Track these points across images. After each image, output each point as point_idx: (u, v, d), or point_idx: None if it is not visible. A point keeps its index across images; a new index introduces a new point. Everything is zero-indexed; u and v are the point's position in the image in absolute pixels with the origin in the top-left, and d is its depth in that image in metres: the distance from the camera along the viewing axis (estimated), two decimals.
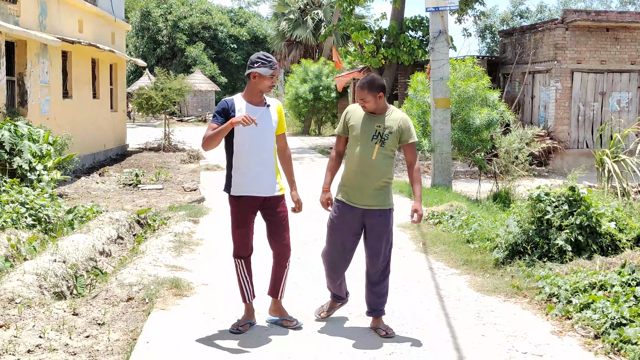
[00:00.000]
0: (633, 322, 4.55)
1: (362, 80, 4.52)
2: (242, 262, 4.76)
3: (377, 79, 4.54)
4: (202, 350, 4.41)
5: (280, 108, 4.78)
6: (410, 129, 4.65)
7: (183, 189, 12.56)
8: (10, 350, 4.06)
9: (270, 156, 4.66)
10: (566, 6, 43.13)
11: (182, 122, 36.70)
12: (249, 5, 56.80)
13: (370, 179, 4.59)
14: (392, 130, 4.59)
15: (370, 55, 19.65)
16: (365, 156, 4.59)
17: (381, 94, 4.55)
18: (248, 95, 4.63)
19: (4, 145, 9.49)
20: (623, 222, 6.62)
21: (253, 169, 4.58)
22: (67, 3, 14.88)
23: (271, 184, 4.65)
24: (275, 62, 4.57)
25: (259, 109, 4.60)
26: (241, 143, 4.57)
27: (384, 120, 4.62)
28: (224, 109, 4.56)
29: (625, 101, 17.69)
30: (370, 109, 4.59)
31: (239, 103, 4.59)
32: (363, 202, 4.62)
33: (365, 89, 4.53)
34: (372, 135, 4.59)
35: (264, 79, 4.54)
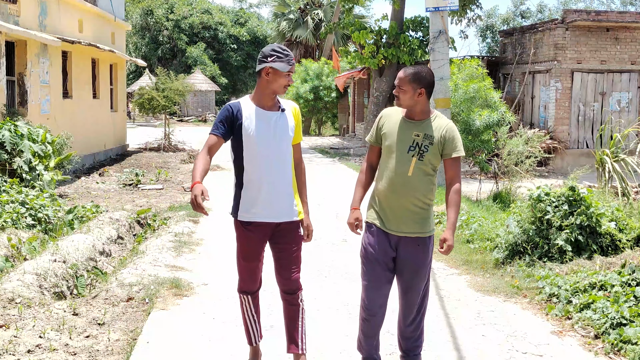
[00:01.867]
0: (633, 322, 4.55)
1: (407, 67, 3.78)
2: (249, 299, 3.96)
3: (425, 71, 3.74)
4: (202, 350, 4.41)
5: (297, 112, 3.93)
6: (455, 139, 3.77)
7: (183, 189, 12.57)
8: (10, 350, 4.06)
9: (287, 172, 3.82)
10: (566, 6, 43.12)
11: (182, 122, 36.71)
12: (250, 7, 56.82)
13: (405, 200, 3.75)
14: (434, 140, 3.73)
15: (370, 55, 19.65)
16: (400, 172, 3.75)
17: (423, 90, 3.72)
18: (258, 98, 3.78)
19: (5, 145, 9.48)
20: (623, 222, 6.62)
21: (266, 188, 3.74)
22: (67, 3, 14.88)
23: (288, 207, 3.81)
24: (292, 56, 3.76)
25: (272, 115, 3.76)
26: (252, 157, 3.73)
27: (425, 128, 3.76)
28: (227, 117, 3.71)
29: (625, 101, 17.68)
30: (405, 104, 3.77)
31: (247, 108, 3.75)
32: (398, 227, 3.78)
33: (408, 76, 3.73)
34: (409, 146, 3.75)
35: (279, 76, 3.70)
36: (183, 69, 43.37)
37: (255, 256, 3.86)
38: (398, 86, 3.77)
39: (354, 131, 27.94)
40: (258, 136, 3.69)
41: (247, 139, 3.70)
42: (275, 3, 37.13)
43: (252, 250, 3.84)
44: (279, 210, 3.79)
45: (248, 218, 3.77)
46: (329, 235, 8.09)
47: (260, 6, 58.15)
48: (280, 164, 3.78)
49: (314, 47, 36.31)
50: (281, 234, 3.84)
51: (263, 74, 3.71)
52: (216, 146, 3.72)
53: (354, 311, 5.23)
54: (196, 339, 4.60)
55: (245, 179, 3.77)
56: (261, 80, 3.74)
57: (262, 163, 3.73)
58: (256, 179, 3.74)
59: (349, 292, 5.70)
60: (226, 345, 4.49)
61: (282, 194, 3.79)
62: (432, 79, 3.73)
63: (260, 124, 3.71)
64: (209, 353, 4.37)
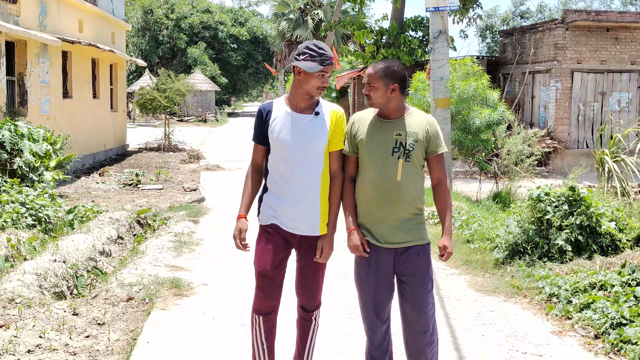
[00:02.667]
0: (633, 322, 4.55)
1: (376, 63, 3.43)
2: (261, 321, 3.54)
3: (396, 64, 3.43)
4: (202, 350, 4.41)
5: (339, 117, 3.50)
6: (438, 135, 3.47)
7: (183, 189, 12.56)
8: (10, 350, 4.06)
9: (315, 181, 3.45)
10: (566, 6, 43.14)
11: (182, 122, 36.70)
12: (249, 5, 56.83)
13: (399, 208, 3.40)
14: (418, 137, 3.41)
15: (370, 55, 19.65)
16: (388, 178, 3.39)
17: (396, 85, 3.39)
18: (291, 98, 3.49)
19: (5, 145, 9.49)
20: (623, 222, 6.62)
21: (287, 196, 3.45)
22: (67, 3, 14.88)
23: (310, 220, 3.47)
24: (329, 55, 3.39)
25: (303, 118, 3.45)
26: (276, 162, 3.48)
27: (405, 125, 3.43)
28: (258, 120, 3.52)
29: (625, 101, 17.68)
30: (377, 102, 3.43)
31: (278, 109, 3.49)
32: (394, 238, 3.43)
33: (379, 72, 3.39)
34: (392, 148, 3.40)
35: (309, 77, 3.37)
36: (183, 68, 43.37)
37: (270, 263, 3.46)
38: (368, 84, 3.43)
39: None
40: (282, 140, 3.42)
41: (273, 142, 3.46)
42: (275, 3, 37.13)
43: (268, 255, 3.47)
44: (301, 222, 3.47)
45: (266, 221, 3.52)
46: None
47: (260, 4, 58.18)
48: (306, 171, 3.43)
49: None
50: (306, 249, 3.53)
51: (295, 73, 3.44)
52: (260, 154, 3.56)
53: (353, 311, 5.23)
54: (196, 339, 4.60)
55: (269, 183, 3.54)
56: (294, 80, 3.47)
57: (286, 169, 3.44)
58: (278, 184, 3.48)
59: (348, 293, 5.70)
60: (226, 345, 4.49)
61: (305, 204, 3.45)
62: (404, 73, 3.42)
63: (287, 126, 3.43)
64: (209, 353, 4.36)
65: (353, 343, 4.55)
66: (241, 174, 14.09)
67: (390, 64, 3.42)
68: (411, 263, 3.46)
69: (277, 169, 3.48)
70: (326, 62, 3.38)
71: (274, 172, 3.50)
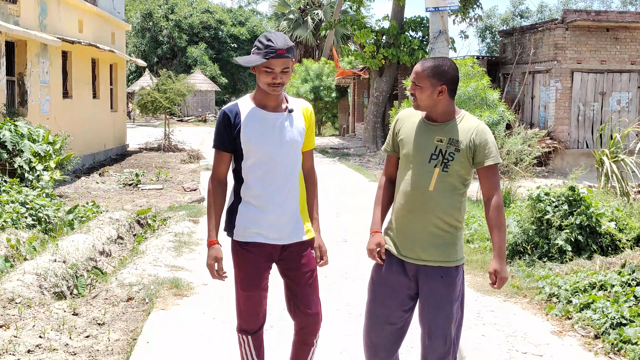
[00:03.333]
0: (633, 322, 4.55)
1: (425, 60, 3.10)
2: (249, 340, 3.27)
3: (447, 63, 3.06)
4: (202, 350, 4.41)
5: (309, 113, 3.27)
6: (488, 143, 3.06)
7: (183, 189, 12.57)
8: (10, 350, 4.06)
9: (295, 184, 3.21)
10: (566, 6, 43.14)
11: (182, 122, 36.71)
12: (248, 4, 56.83)
13: (426, 221, 3.08)
14: (460, 146, 3.05)
15: (370, 55, 19.66)
16: (420, 186, 3.08)
17: (444, 87, 3.05)
18: (258, 96, 3.16)
19: (5, 145, 9.49)
20: (623, 222, 6.63)
21: (269, 205, 3.14)
22: (67, 3, 14.88)
23: (295, 226, 3.21)
24: (277, 47, 2.99)
25: (277, 117, 3.14)
26: (253, 168, 3.14)
27: (449, 131, 3.08)
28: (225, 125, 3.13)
29: (625, 101, 17.68)
30: (423, 104, 3.09)
31: (246, 110, 3.15)
32: (416, 254, 3.10)
33: (426, 71, 3.05)
34: (431, 154, 3.08)
35: (258, 72, 3.06)
36: (183, 68, 43.37)
37: (256, 283, 3.19)
38: (414, 82, 3.08)
39: (354, 131, 27.95)
40: (259, 143, 3.09)
41: (246, 146, 3.11)
42: (275, 3, 37.14)
43: (252, 275, 3.18)
44: (284, 229, 3.17)
45: (246, 237, 3.17)
46: (329, 235, 8.09)
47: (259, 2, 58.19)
48: (287, 175, 3.16)
49: (314, 47, 36.34)
50: (291, 259, 3.22)
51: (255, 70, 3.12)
52: (225, 164, 3.20)
53: (354, 311, 5.23)
54: (196, 339, 4.60)
55: (244, 193, 3.18)
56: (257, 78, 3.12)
57: (265, 174, 3.13)
58: (257, 193, 3.14)
59: (348, 292, 5.70)
60: (226, 345, 4.49)
61: (288, 210, 3.18)
62: (455, 74, 3.07)
63: (261, 127, 3.11)
64: (209, 353, 4.36)
65: (353, 343, 4.55)
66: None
67: (440, 63, 3.07)
68: (432, 285, 3.09)
69: (254, 176, 3.13)
70: (270, 55, 2.96)
71: (250, 180, 3.14)
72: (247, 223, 3.17)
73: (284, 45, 3.00)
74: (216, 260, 3.17)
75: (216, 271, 3.18)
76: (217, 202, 3.21)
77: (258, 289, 3.21)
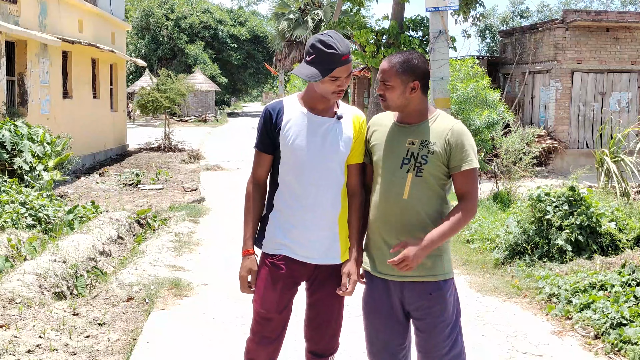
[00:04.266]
0: (633, 322, 4.55)
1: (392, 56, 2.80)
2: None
3: (416, 57, 2.78)
4: (202, 350, 4.41)
5: (361, 123, 2.94)
6: (464, 145, 2.75)
7: (183, 189, 12.57)
8: (10, 350, 4.06)
9: (335, 199, 2.88)
10: (566, 6, 43.15)
11: (182, 122, 36.71)
12: (248, 5, 56.85)
13: (402, 233, 2.77)
14: (434, 148, 2.75)
15: (370, 55, 19.67)
16: (393, 195, 2.79)
17: (416, 83, 2.76)
18: (306, 98, 2.89)
19: (5, 145, 9.49)
20: (623, 222, 6.63)
21: (301, 215, 2.84)
22: (67, 3, 14.88)
23: (328, 246, 2.87)
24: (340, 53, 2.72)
25: (323, 122, 2.85)
26: (289, 174, 2.86)
27: (421, 132, 2.79)
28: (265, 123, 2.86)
29: (625, 101, 17.68)
30: (395, 104, 2.80)
31: (292, 110, 2.87)
32: (396, 270, 2.77)
33: (395, 67, 2.75)
34: (402, 159, 2.78)
35: (321, 81, 2.77)
36: (183, 68, 43.37)
37: (276, 307, 2.86)
38: (382, 81, 2.80)
39: None
40: (299, 147, 2.81)
41: (285, 148, 2.83)
42: (276, 3, 37.15)
43: (274, 296, 2.85)
44: (317, 247, 2.85)
45: (273, 250, 2.88)
46: None
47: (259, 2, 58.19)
48: (326, 187, 2.84)
49: None
50: (320, 282, 2.90)
51: None
52: (265, 167, 2.90)
53: (354, 311, 5.22)
54: (196, 339, 4.60)
55: (278, 200, 2.89)
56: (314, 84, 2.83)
57: (302, 182, 2.83)
58: (289, 201, 2.85)
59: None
60: (226, 345, 4.49)
61: (323, 226, 2.85)
62: (426, 67, 2.79)
63: (305, 131, 2.82)
64: (209, 353, 4.36)
65: (353, 343, 4.55)
66: (241, 174, 14.10)
67: (409, 57, 2.78)
68: (420, 303, 2.80)
69: (289, 183, 2.86)
70: (334, 65, 2.71)
71: (285, 187, 2.87)
72: (275, 233, 2.87)
73: (346, 49, 2.75)
74: (250, 272, 2.85)
75: (248, 284, 2.87)
76: (255, 207, 2.90)
77: (276, 311, 2.86)
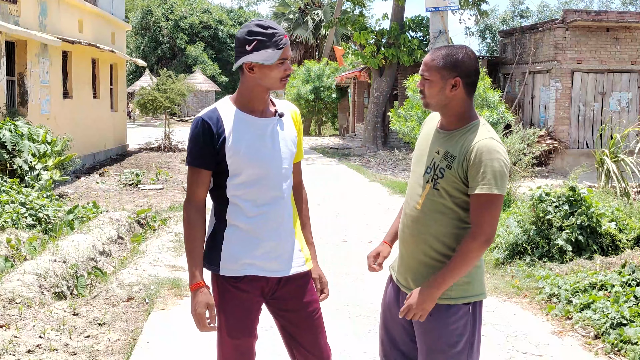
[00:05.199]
0: (633, 322, 4.55)
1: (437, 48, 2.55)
2: None
3: (463, 52, 2.52)
4: (202, 350, 4.41)
5: (298, 117, 2.75)
6: (483, 166, 2.42)
7: (183, 189, 12.57)
8: (10, 350, 4.06)
9: (290, 203, 2.68)
10: (566, 6, 43.16)
11: (183, 122, 36.71)
12: (248, 5, 56.84)
13: (414, 245, 2.60)
14: (452, 163, 2.49)
15: (370, 55, 19.67)
16: (411, 202, 2.63)
17: (458, 80, 2.49)
18: (244, 100, 2.60)
19: (5, 145, 9.49)
20: (623, 222, 6.63)
21: (265, 227, 2.59)
22: (67, 3, 14.88)
23: (293, 253, 2.66)
24: (281, 32, 2.52)
25: (267, 123, 2.60)
26: (242, 185, 2.57)
27: (449, 141, 2.55)
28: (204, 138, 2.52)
29: (625, 101, 17.69)
30: (432, 103, 2.55)
31: (230, 116, 2.56)
32: (406, 281, 2.64)
33: (437, 60, 2.51)
34: (427, 167, 2.59)
35: (268, 69, 2.52)
36: (183, 68, 43.37)
37: (247, 329, 2.62)
38: (422, 76, 2.54)
39: (354, 131, 27.95)
40: (250, 155, 2.54)
41: (233, 159, 2.53)
42: (275, 3, 37.15)
43: (242, 319, 2.60)
44: (283, 258, 2.62)
45: (238, 271, 2.58)
46: (329, 235, 8.10)
47: (259, 3, 58.18)
48: (282, 192, 2.62)
49: (314, 47, 36.34)
50: (289, 297, 2.65)
51: (246, 70, 2.54)
52: (205, 184, 2.59)
53: (354, 311, 5.23)
54: (196, 339, 4.60)
55: (231, 215, 2.59)
56: (245, 78, 2.56)
57: (258, 192, 2.57)
58: (249, 215, 2.57)
59: (348, 292, 5.70)
60: None
61: (286, 234, 2.64)
62: (474, 65, 2.50)
63: (251, 137, 2.56)
64: (209, 353, 4.36)
65: (353, 343, 4.55)
66: None
67: (453, 51, 2.51)
68: (419, 322, 2.55)
69: (244, 195, 2.56)
70: (282, 43, 2.49)
71: (239, 201, 2.57)
72: (237, 252, 2.57)
73: (283, 30, 2.55)
74: (207, 307, 2.53)
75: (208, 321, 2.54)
76: (199, 235, 2.59)
77: (249, 336, 2.62)
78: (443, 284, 2.45)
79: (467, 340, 2.53)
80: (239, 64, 2.54)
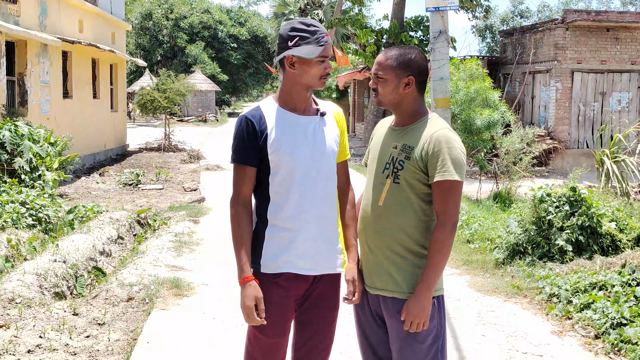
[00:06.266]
0: (633, 322, 4.55)
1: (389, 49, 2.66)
2: None
3: (414, 52, 2.63)
4: (202, 350, 4.41)
5: (341, 116, 2.77)
6: (442, 154, 2.53)
7: (183, 189, 12.56)
8: (10, 350, 4.06)
9: (333, 202, 2.69)
10: (566, 6, 43.15)
11: (183, 122, 36.72)
12: (248, 5, 56.86)
13: (377, 241, 2.64)
14: (412, 154, 2.58)
15: (371, 55, 19.68)
16: (371, 200, 2.68)
17: (411, 78, 2.60)
18: (286, 97, 2.63)
19: (5, 145, 9.49)
20: (623, 222, 6.63)
21: (305, 226, 2.61)
22: (67, 3, 14.88)
23: (331, 254, 2.67)
24: (323, 30, 2.56)
25: (309, 121, 2.63)
26: (283, 183, 2.60)
27: (406, 136, 2.64)
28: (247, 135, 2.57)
29: (625, 101, 17.69)
30: (386, 100, 2.63)
31: (272, 114, 2.61)
32: (371, 281, 2.68)
33: (390, 59, 2.61)
34: (385, 163, 2.65)
35: (308, 66, 2.55)
36: (183, 68, 43.38)
37: (281, 328, 2.63)
38: (376, 75, 2.63)
39: (354, 131, 27.97)
40: (292, 152, 2.57)
41: (275, 156, 2.56)
42: (276, 3, 37.17)
43: (278, 317, 2.61)
44: (319, 257, 2.63)
45: (275, 269, 2.60)
46: None
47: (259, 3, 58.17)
48: (325, 191, 2.64)
49: None
50: (318, 294, 2.68)
51: (287, 66, 2.57)
52: (250, 183, 2.62)
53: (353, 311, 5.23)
54: (196, 339, 4.60)
55: (272, 214, 2.61)
56: (286, 74, 2.59)
57: (299, 191, 2.59)
58: (290, 214, 2.59)
59: None
60: (226, 345, 4.49)
61: (326, 233, 2.65)
62: (424, 64, 2.62)
63: (293, 134, 2.59)
64: (209, 353, 4.36)
65: (353, 343, 4.55)
66: None
67: (406, 51, 2.62)
68: (390, 320, 2.62)
69: (285, 193, 2.59)
70: (323, 41, 2.53)
71: (280, 199, 2.60)
72: (277, 250, 2.59)
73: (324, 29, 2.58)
74: (257, 300, 2.55)
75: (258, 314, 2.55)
76: (247, 230, 2.62)
77: (282, 334, 2.64)
78: (432, 282, 2.53)
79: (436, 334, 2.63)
80: (280, 57, 2.57)
